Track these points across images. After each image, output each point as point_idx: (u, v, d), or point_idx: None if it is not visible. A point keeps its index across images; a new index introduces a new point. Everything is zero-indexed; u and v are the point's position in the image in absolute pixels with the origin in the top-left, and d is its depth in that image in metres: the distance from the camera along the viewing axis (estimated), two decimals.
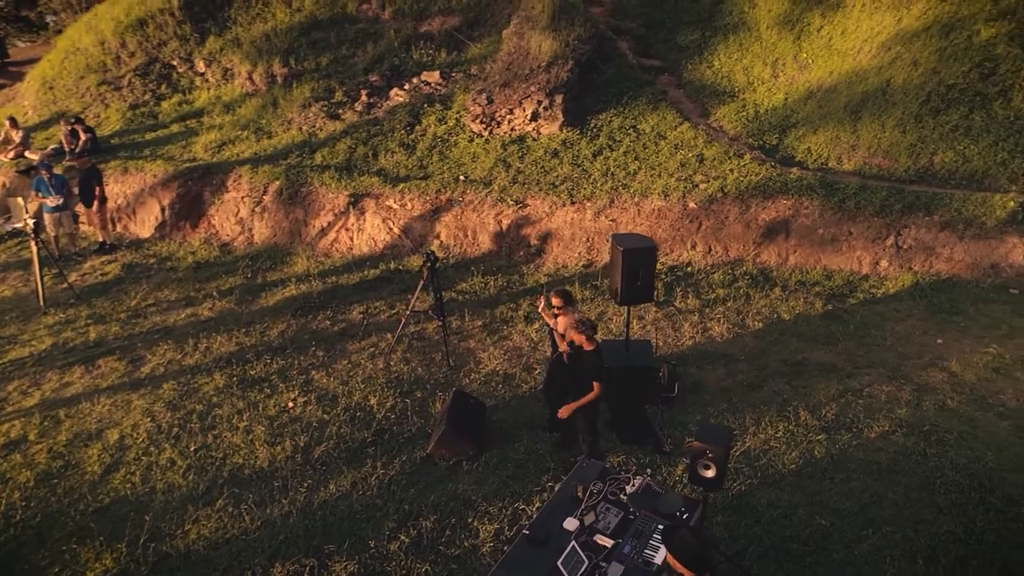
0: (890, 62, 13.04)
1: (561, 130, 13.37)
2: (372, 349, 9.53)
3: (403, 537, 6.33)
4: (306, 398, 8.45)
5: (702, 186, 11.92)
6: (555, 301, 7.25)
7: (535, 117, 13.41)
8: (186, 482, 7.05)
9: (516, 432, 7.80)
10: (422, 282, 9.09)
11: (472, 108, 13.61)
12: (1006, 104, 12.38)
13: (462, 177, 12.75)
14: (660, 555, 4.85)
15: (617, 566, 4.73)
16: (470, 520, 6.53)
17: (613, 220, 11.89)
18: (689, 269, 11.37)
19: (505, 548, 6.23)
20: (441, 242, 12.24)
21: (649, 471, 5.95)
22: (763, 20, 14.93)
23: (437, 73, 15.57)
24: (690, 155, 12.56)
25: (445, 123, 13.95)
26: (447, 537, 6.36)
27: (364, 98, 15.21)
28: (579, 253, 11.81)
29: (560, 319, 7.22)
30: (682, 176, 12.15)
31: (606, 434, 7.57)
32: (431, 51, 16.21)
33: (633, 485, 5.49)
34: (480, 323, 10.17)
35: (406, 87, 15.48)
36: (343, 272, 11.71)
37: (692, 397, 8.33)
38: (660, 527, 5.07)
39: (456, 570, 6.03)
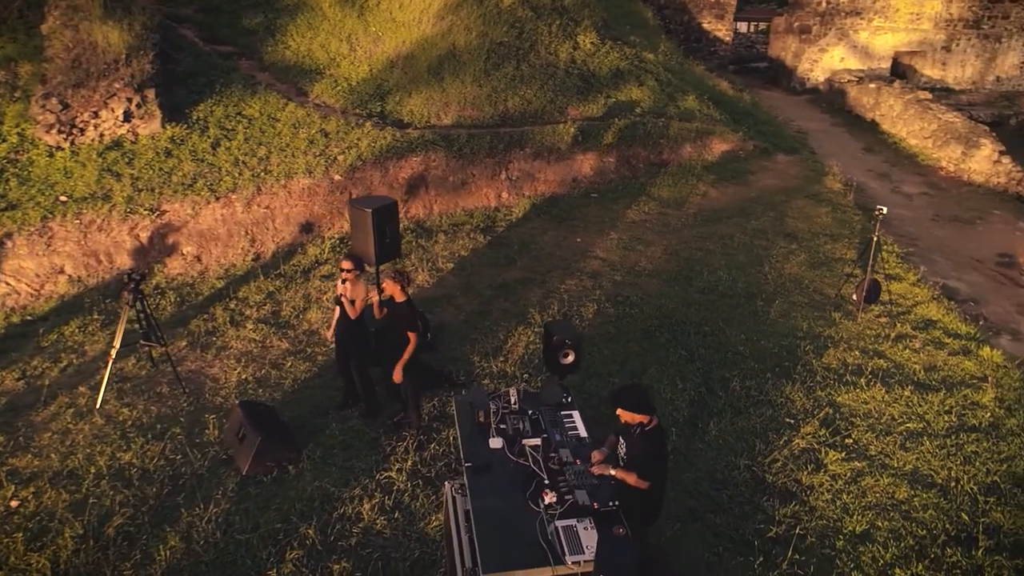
0: (449, 29, 15.05)
1: (164, 127, 12.06)
2: (71, 410, 7.75)
3: (294, 552, 5.79)
4: (31, 488, 6.61)
5: (340, 158, 12.28)
6: (345, 265, 7.11)
7: (128, 117, 11.81)
8: None
9: (316, 422, 7.49)
10: (129, 309, 7.73)
11: (43, 117, 11.29)
12: (537, 55, 15.52)
13: (64, 197, 10.67)
14: (581, 428, 5.67)
15: (563, 450, 5.37)
16: (344, 510, 6.26)
17: (267, 208, 11.49)
18: None
19: (397, 515, 6.25)
20: (69, 275, 10.19)
21: (527, 375, 6.55)
22: None
23: None
24: (313, 132, 12.71)
25: (5, 140, 11.31)
26: (336, 532, 6.03)
27: None
28: (243, 248, 11.14)
29: (348, 285, 7.12)
30: (316, 152, 12.30)
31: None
32: None
33: (514, 396, 6.08)
34: (184, 343, 9.03)
35: None
36: None
37: (445, 337, 9.02)
38: (564, 413, 5.84)
39: (370, 553, 5.83)
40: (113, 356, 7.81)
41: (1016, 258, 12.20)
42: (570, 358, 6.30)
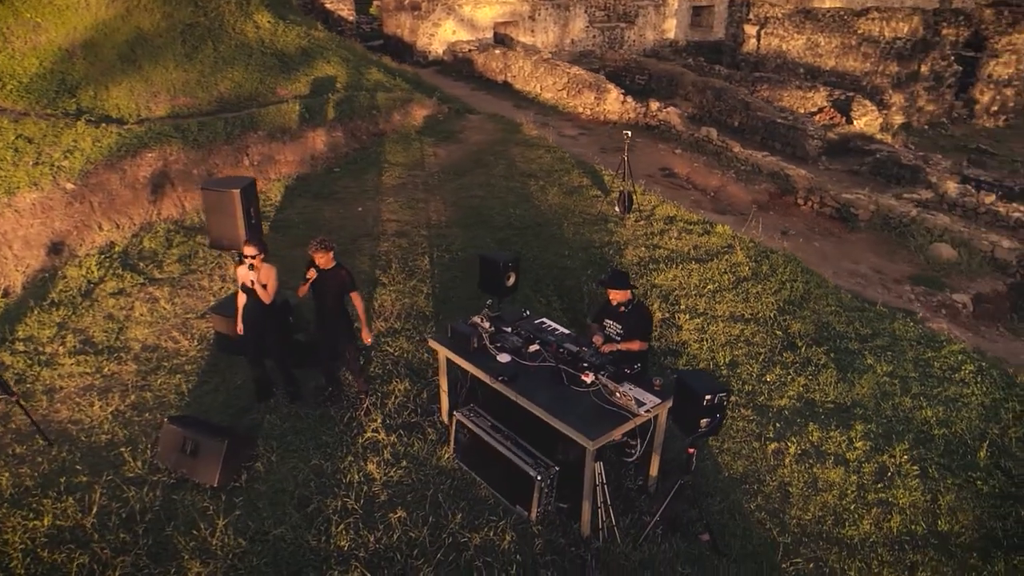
0: (127, 11, 13.47)
1: None
2: None
3: (342, 522, 5.71)
4: None
5: (65, 164, 10.54)
6: (249, 251, 6.67)
7: None
8: None
9: (245, 421, 7.03)
10: None
11: None
12: (229, 36, 14.84)
13: None
14: (561, 327, 6.63)
15: (566, 345, 6.26)
16: (350, 478, 6.24)
17: None
18: (119, 249, 10.34)
19: (404, 463, 6.46)
20: None
21: (490, 302, 6.98)
22: None
23: None
24: (12, 139, 10.61)
25: None
26: (364, 495, 6.04)
27: None
28: None
29: (257, 270, 6.74)
30: (30, 161, 10.36)
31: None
32: None
33: (485, 320, 6.70)
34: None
35: None
36: None
37: (306, 315, 8.84)
38: (538, 321, 6.71)
39: (412, 498, 6.03)
40: None
41: (673, 169, 15.96)
42: (512, 279, 7.12)
